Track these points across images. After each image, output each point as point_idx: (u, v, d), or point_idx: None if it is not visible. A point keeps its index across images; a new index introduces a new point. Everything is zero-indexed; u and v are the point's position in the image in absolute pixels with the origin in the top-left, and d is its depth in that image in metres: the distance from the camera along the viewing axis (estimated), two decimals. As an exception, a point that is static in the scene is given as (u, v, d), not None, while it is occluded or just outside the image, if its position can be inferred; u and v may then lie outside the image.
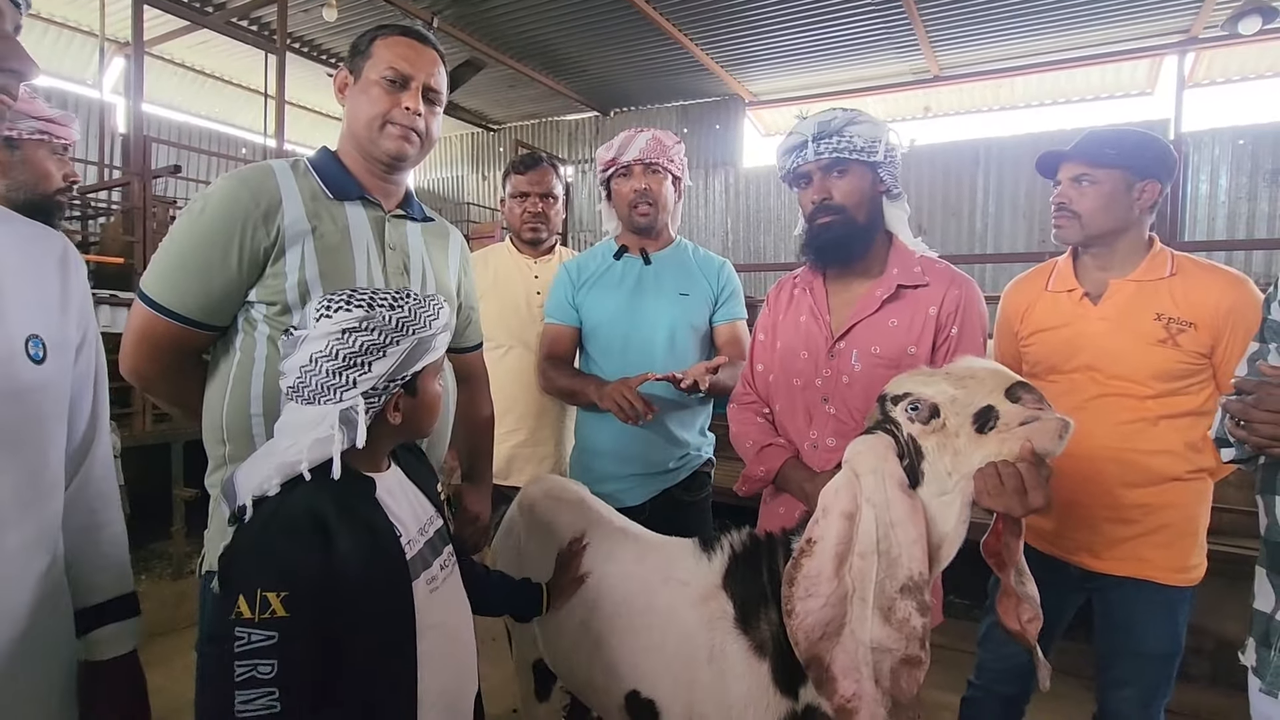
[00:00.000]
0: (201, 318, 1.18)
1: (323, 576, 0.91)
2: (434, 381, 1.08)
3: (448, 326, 1.06)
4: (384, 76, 1.25)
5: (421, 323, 1.01)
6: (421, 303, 1.03)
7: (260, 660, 0.86)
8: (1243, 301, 1.47)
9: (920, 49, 7.06)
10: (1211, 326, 1.47)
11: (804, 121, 1.46)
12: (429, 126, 1.31)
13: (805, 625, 1.01)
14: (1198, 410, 1.52)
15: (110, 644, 0.90)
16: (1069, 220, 1.60)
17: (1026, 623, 1.09)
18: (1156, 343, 1.50)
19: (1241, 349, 1.42)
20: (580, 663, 1.39)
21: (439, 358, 1.07)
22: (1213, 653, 2.67)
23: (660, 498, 1.86)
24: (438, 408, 1.10)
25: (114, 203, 5.65)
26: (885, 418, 1.09)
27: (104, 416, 0.93)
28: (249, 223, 1.16)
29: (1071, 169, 1.59)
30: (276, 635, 0.87)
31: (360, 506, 0.99)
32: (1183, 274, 1.53)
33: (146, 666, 1.01)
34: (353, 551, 0.93)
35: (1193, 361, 1.49)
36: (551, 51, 7.58)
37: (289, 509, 0.95)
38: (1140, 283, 1.55)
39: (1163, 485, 1.52)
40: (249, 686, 0.86)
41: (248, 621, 0.87)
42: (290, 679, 0.87)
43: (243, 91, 9.18)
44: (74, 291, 0.88)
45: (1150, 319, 1.51)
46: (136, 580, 3.93)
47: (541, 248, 2.32)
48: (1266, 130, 6.59)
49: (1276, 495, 1.10)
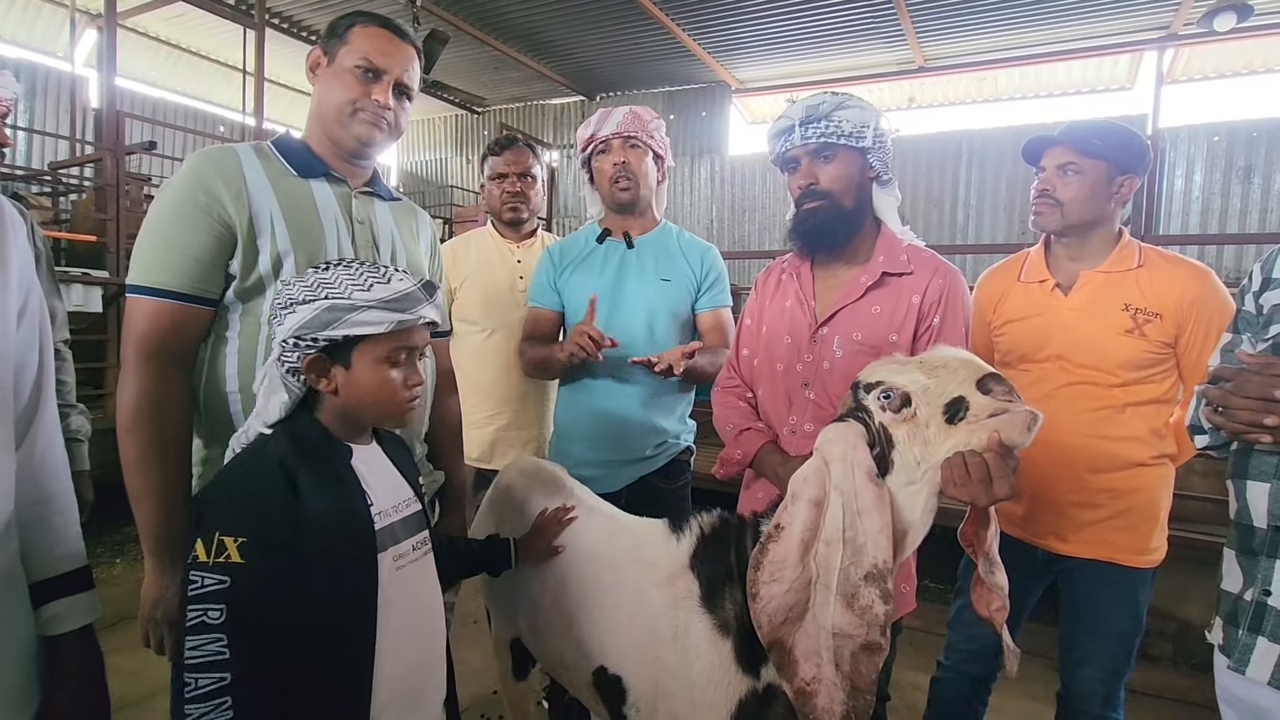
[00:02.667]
0: (198, 287, 1.17)
1: (286, 526, 0.92)
2: (373, 364, 1.01)
3: (386, 305, 0.99)
4: (358, 65, 1.25)
5: (341, 288, 0.98)
6: (353, 272, 1.00)
7: (210, 605, 0.87)
8: (1205, 293, 1.51)
9: (906, 40, 7.08)
10: (1176, 317, 1.51)
11: (793, 105, 1.45)
12: (398, 119, 1.32)
13: (769, 609, 1.03)
14: (1162, 398, 1.57)
15: (64, 619, 0.89)
16: (1050, 208, 1.61)
17: (994, 611, 1.12)
18: (1124, 332, 1.54)
19: (1203, 339, 1.50)
20: (552, 640, 1.41)
21: (374, 334, 0.99)
22: (1175, 635, 2.75)
23: (637, 484, 1.86)
24: (372, 395, 1.03)
25: (86, 179, 5.51)
26: (858, 405, 1.10)
27: (49, 386, 0.91)
28: (217, 197, 1.17)
29: (1058, 156, 1.60)
30: (228, 580, 0.88)
31: (332, 463, 1.02)
32: (1149, 266, 1.57)
33: (120, 650, 1.00)
34: (318, 501, 0.96)
35: (1158, 351, 1.53)
36: (537, 34, 7.49)
37: (259, 458, 0.99)
38: (1109, 274, 1.59)
39: (1128, 470, 1.57)
40: (198, 632, 0.87)
41: (202, 565, 0.89)
42: (239, 627, 0.88)
43: (221, 68, 8.97)
44: (12, 256, 0.83)
45: (1118, 309, 1.55)
46: (109, 565, 3.86)
47: (522, 230, 2.30)
48: (1240, 127, 6.71)
49: (1247, 480, 1.13)
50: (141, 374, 1.13)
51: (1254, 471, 1.12)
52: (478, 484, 2.13)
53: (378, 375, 1.02)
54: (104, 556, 3.81)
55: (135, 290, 1.16)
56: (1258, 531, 1.12)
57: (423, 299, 1.03)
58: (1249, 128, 6.67)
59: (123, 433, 1.13)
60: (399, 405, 1.05)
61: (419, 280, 1.05)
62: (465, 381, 1.77)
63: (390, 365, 1.03)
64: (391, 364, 1.03)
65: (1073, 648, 1.68)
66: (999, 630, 1.12)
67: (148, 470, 1.13)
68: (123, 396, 1.14)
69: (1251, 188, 6.68)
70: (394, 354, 1.03)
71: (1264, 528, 1.11)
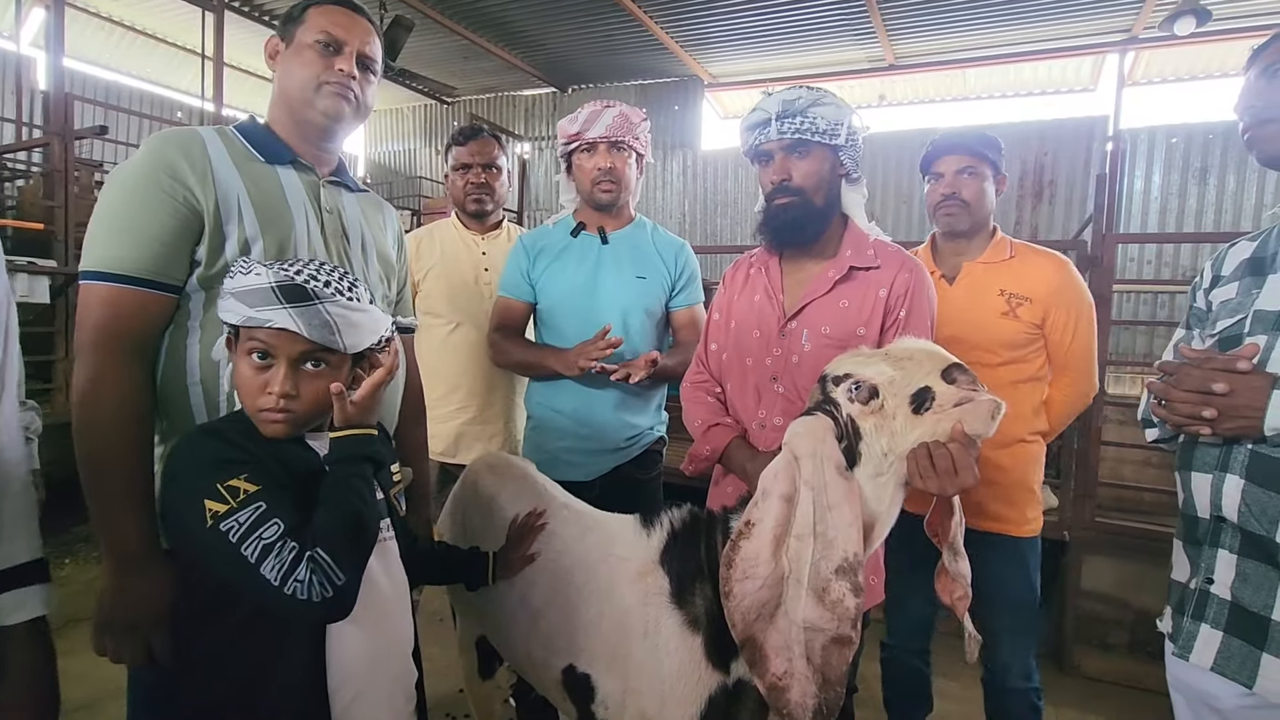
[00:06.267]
0: (162, 272, 1.10)
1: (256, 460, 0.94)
2: (240, 355, 0.99)
3: (238, 296, 0.96)
4: (317, 40, 1.23)
5: (230, 273, 1.00)
6: (245, 263, 1.00)
7: (264, 526, 0.87)
8: (1066, 280, 1.75)
9: (877, 37, 7.15)
10: (1044, 301, 1.73)
11: (769, 98, 1.45)
12: (364, 92, 1.29)
13: (742, 607, 1.02)
14: (1035, 376, 1.78)
15: (15, 611, 0.85)
16: (960, 209, 1.78)
17: (956, 599, 1.14)
18: (1001, 315, 1.74)
19: (1065, 320, 1.75)
20: (519, 638, 1.39)
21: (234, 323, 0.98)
22: (1132, 624, 2.83)
23: (611, 474, 1.86)
24: (239, 383, 1.00)
25: (33, 164, 5.30)
26: (825, 398, 1.10)
27: (10, 380, 0.86)
28: (182, 180, 1.11)
29: (956, 162, 1.78)
30: (263, 504, 0.89)
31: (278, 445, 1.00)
32: (1019, 257, 1.80)
33: (71, 653, 0.96)
34: (276, 464, 0.95)
35: (1029, 331, 1.74)
36: (508, 23, 7.39)
37: (210, 425, 1.02)
38: (987, 264, 1.80)
39: (1012, 446, 1.75)
40: (264, 556, 0.86)
41: (228, 513, 0.88)
42: (291, 521, 0.90)
43: (178, 51, 8.70)
44: None
45: (995, 294, 1.76)
46: (59, 565, 3.72)
47: (487, 221, 2.26)
48: (1197, 130, 6.91)
49: (1192, 472, 1.16)
50: (99, 365, 1.06)
51: (1197, 463, 1.15)
52: (443, 479, 2.09)
53: (240, 367, 1.00)
54: (52, 556, 3.66)
55: (91, 276, 1.08)
56: (1201, 521, 1.15)
57: (274, 301, 0.95)
58: (1205, 130, 6.86)
59: (79, 427, 1.06)
60: (251, 406, 0.99)
61: (279, 281, 0.96)
62: (429, 374, 1.73)
63: (251, 360, 0.98)
64: (253, 360, 0.98)
65: (984, 627, 1.75)
66: (961, 618, 1.13)
67: (108, 468, 1.05)
68: (79, 389, 1.06)
69: (1207, 188, 6.87)
70: (250, 349, 0.98)
71: (1206, 518, 1.14)
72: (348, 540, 0.92)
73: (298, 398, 0.98)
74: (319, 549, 0.89)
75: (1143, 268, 6.99)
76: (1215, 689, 1.12)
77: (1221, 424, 1.04)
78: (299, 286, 0.96)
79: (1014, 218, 7.57)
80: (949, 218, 1.79)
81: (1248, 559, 1.07)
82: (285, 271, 0.97)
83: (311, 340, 0.97)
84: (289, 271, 0.97)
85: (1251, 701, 1.07)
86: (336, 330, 0.98)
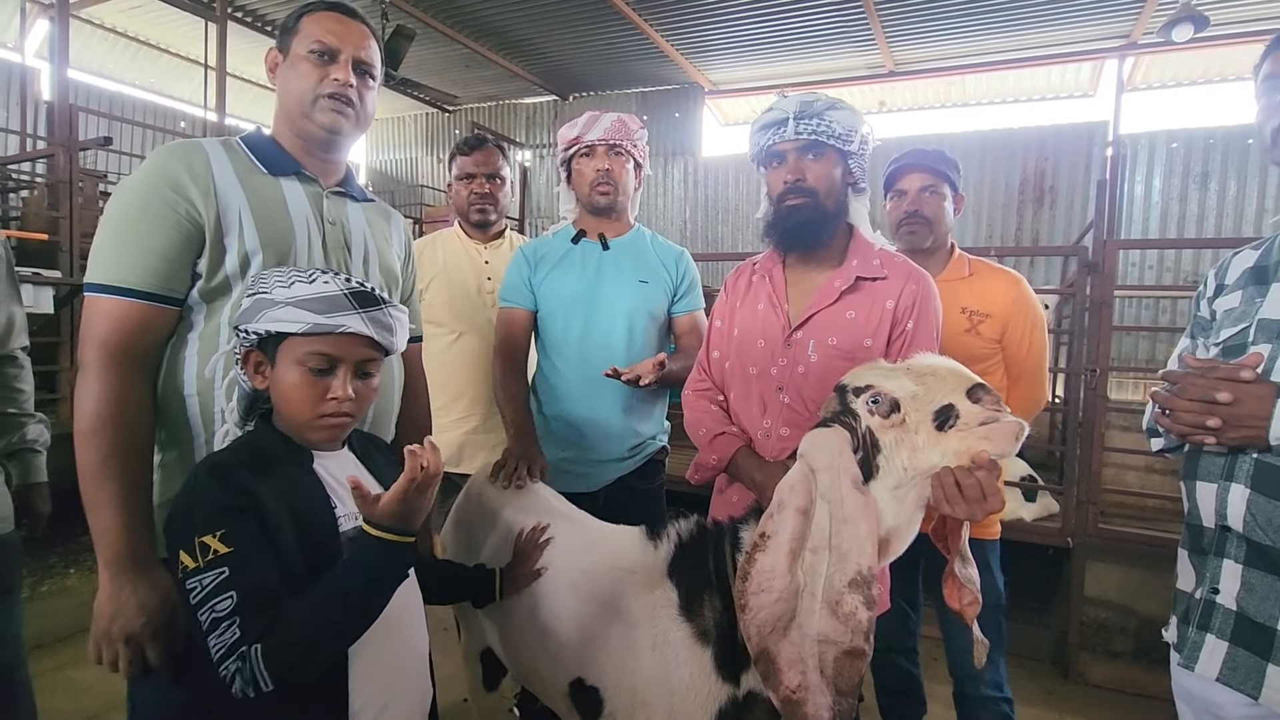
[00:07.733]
0: (165, 286, 1.11)
1: (253, 507, 0.92)
2: (291, 365, 0.98)
3: (303, 305, 0.97)
4: (311, 50, 1.23)
5: (268, 285, 1.00)
6: (285, 272, 1.01)
7: (218, 598, 0.86)
8: (1021, 297, 1.81)
9: (876, 44, 7.17)
10: (1002, 316, 1.79)
11: (786, 99, 1.45)
12: (363, 98, 1.28)
13: (758, 620, 1.02)
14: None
15: None
16: (922, 226, 1.82)
17: (966, 605, 1.13)
18: (964, 331, 1.78)
19: (1020, 334, 1.80)
20: (526, 651, 1.38)
21: (292, 333, 0.97)
22: (1136, 631, 2.82)
23: (614, 485, 1.86)
24: (285, 398, 1.00)
25: (38, 175, 5.32)
26: (844, 409, 1.09)
27: None
28: (184, 194, 1.12)
29: (920, 180, 1.83)
30: (227, 569, 0.87)
31: (290, 468, 1.00)
32: (977, 275, 1.85)
33: (75, 664, 0.96)
34: (278, 507, 0.94)
35: (989, 346, 1.80)
36: (508, 32, 7.42)
37: (216, 459, 0.99)
38: (948, 282, 1.79)
39: None
40: (213, 630, 0.86)
41: (195, 571, 0.88)
42: (248, 599, 0.87)
43: (181, 61, 8.74)
44: None
45: (958, 312, 1.78)
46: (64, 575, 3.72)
47: (490, 231, 2.27)
48: (1197, 135, 6.92)
49: (1197, 481, 1.16)
50: (103, 377, 1.07)
51: (1202, 472, 1.15)
52: (446, 489, 2.09)
53: (291, 377, 0.99)
54: (58, 567, 3.65)
55: (96, 289, 1.10)
56: (1206, 531, 1.15)
57: (348, 307, 0.98)
58: (1205, 135, 6.88)
59: (81, 439, 1.06)
60: (307, 414, 0.99)
61: (350, 288, 0.99)
62: (433, 383, 1.73)
63: (306, 370, 0.98)
64: (308, 369, 0.98)
65: (953, 636, 1.82)
66: (969, 623, 1.13)
67: (107, 479, 1.06)
68: (82, 401, 1.07)
69: (1208, 194, 6.89)
70: (309, 358, 0.98)
71: (1212, 527, 1.14)
72: (306, 651, 0.87)
73: (355, 401, 1.01)
74: (263, 647, 0.84)
75: (1144, 273, 7.00)
76: (1221, 699, 1.12)
77: (1226, 433, 1.04)
78: (369, 292, 1.01)
79: (1015, 224, 7.58)
80: (912, 235, 1.84)
81: (1253, 569, 1.07)
82: (337, 279, 1.00)
83: (377, 344, 1.02)
84: (337, 279, 1.00)
85: (1257, 712, 1.07)
86: (393, 332, 1.04)
